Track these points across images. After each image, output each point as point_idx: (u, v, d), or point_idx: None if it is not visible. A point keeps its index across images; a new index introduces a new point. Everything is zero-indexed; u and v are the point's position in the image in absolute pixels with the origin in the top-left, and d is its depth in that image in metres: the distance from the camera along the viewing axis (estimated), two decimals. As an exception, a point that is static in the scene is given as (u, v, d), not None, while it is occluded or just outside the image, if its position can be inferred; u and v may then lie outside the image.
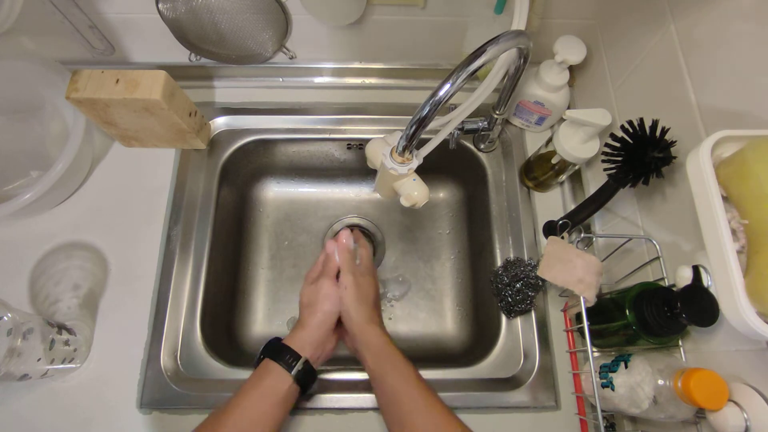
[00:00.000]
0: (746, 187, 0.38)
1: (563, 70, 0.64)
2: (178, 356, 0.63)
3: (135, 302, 0.65)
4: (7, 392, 0.60)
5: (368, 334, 0.54)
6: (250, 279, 0.81)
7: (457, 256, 0.83)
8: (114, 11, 0.65)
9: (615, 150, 0.51)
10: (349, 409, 0.60)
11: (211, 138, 0.75)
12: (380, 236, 0.85)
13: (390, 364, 0.52)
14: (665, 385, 0.45)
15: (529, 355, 0.63)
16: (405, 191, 0.55)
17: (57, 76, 0.66)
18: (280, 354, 0.52)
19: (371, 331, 0.54)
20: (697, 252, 0.46)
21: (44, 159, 0.71)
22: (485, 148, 0.75)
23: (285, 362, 0.51)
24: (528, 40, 0.48)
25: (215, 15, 0.63)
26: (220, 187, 0.73)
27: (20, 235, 0.68)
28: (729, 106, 0.44)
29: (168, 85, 0.61)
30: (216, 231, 0.71)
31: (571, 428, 0.60)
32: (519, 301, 0.63)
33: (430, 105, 0.44)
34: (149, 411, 0.60)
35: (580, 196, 0.71)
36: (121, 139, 0.72)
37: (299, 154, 0.81)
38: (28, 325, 0.51)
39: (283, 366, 0.51)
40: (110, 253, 0.67)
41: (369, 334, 0.54)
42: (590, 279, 0.53)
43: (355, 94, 0.78)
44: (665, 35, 0.53)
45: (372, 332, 0.54)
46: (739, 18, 0.44)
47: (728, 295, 0.38)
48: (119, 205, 0.70)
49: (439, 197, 0.87)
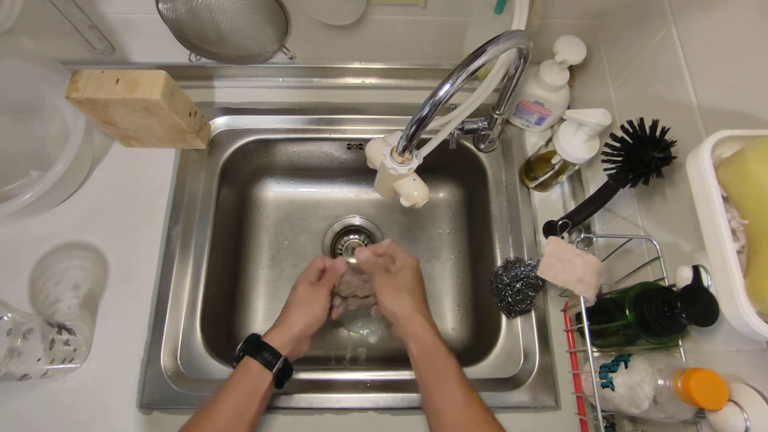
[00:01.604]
0: (746, 187, 0.38)
1: (563, 70, 0.64)
2: (178, 356, 0.63)
3: (135, 302, 0.65)
4: (7, 392, 0.60)
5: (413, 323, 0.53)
6: (250, 279, 0.81)
7: (457, 256, 0.83)
8: (114, 11, 0.65)
9: (615, 150, 0.51)
10: (349, 409, 0.60)
11: (211, 138, 0.75)
12: (380, 236, 0.85)
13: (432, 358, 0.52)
14: (665, 385, 0.45)
15: (529, 355, 0.63)
16: (405, 191, 0.55)
17: (57, 76, 0.66)
18: (260, 352, 0.52)
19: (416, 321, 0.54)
20: (697, 252, 0.46)
21: (44, 159, 0.71)
22: (485, 148, 0.75)
23: (266, 360, 0.52)
24: (528, 40, 0.48)
25: (215, 15, 0.63)
26: (220, 187, 0.73)
27: (20, 235, 0.68)
28: (729, 106, 0.44)
29: (168, 85, 0.61)
30: (216, 231, 0.71)
31: (571, 428, 0.60)
32: (519, 301, 0.63)
33: (430, 105, 0.44)
34: (149, 411, 0.60)
35: (580, 196, 0.71)
36: (121, 139, 0.72)
37: (299, 154, 0.81)
38: (28, 325, 0.51)
39: (263, 364, 0.51)
40: (110, 253, 0.67)
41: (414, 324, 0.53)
42: (590, 279, 0.53)
43: (355, 94, 0.78)
44: (665, 35, 0.53)
45: (417, 322, 0.53)
46: (739, 18, 0.44)
47: (728, 295, 0.38)
48: (119, 205, 0.70)
49: (439, 197, 0.87)
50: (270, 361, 0.52)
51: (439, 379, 0.50)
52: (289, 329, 0.54)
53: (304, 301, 0.56)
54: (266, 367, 0.51)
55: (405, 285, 0.56)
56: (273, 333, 0.54)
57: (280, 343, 0.53)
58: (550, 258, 0.55)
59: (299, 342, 0.55)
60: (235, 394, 0.50)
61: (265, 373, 0.51)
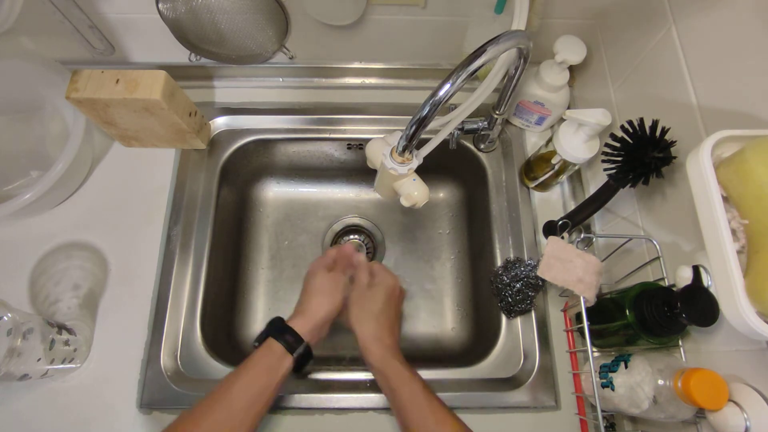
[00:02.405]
0: (746, 187, 0.38)
1: (563, 70, 0.64)
2: (178, 356, 0.63)
3: (135, 302, 0.65)
4: (7, 392, 0.60)
5: (367, 350, 0.55)
6: (250, 279, 0.81)
7: (457, 256, 0.83)
8: (114, 11, 0.65)
9: (615, 150, 0.51)
10: (349, 409, 0.60)
11: (211, 138, 0.75)
12: (380, 236, 0.85)
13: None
14: (665, 385, 0.45)
15: (529, 355, 0.63)
16: (405, 191, 0.55)
17: (57, 76, 0.66)
18: (284, 335, 0.53)
19: (371, 349, 0.55)
20: (697, 252, 0.46)
21: (44, 159, 0.71)
22: (485, 148, 0.75)
23: (288, 344, 0.52)
24: (528, 40, 0.48)
25: (215, 15, 0.63)
26: (220, 187, 0.73)
27: (20, 235, 0.68)
28: (729, 106, 0.44)
29: (168, 85, 0.61)
30: (216, 231, 0.71)
31: (571, 428, 0.60)
32: (519, 301, 0.63)
33: (430, 105, 0.44)
34: (149, 411, 0.60)
35: (580, 196, 0.71)
36: (121, 139, 0.72)
37: (299, 154, 0.81)
38: (28, 325, 0.51)
39: (286, 347, 0.52)
40: (110, 253, 0.67)
41: (368, 350, 0.55)
42: (590, 279, 0.53)
43: (355, 94, 0.78)
44: (665, 35, 0.53)
45: (372, 350, 0.55)
46: (739, 18, 0.44)
47: (728, 295, 0.38)
48: (119, 205, 0.70)
49: (439, 197, 0.87)
50: (292, 344, 0.53)
51: (399, 405, 0.51)
52: (312, 317, 0.55)
53: (325, 289, 0.57)
54: (288, 350, 0.52)
55: (372, 306, 0.58)
56: (296, 320, 0.55)
57: (303, 329, 0.54)
58: (550, 258, 0.55)
59: (321, 329, 0.56)
60: (255, 372, 0.51)
61: (287, 356, 0.52)
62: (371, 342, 0.55)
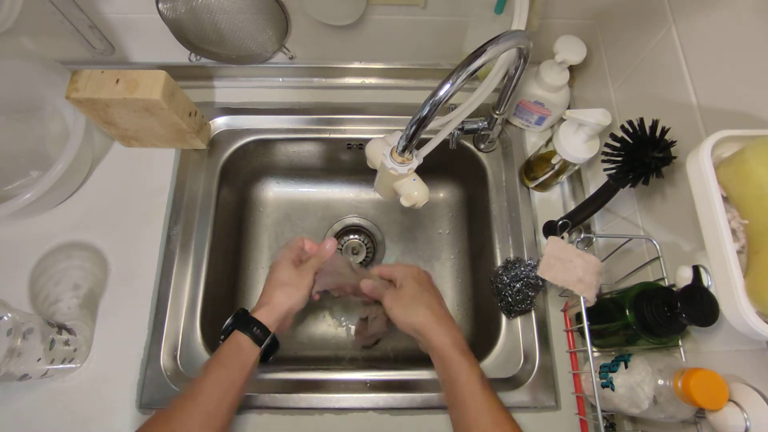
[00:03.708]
0: (746, 187, 0.38)
1: (563, 70, 0.64)
2: (177, 356, 0.63)
3: (135, 302, 0.65)
4: (7, 392, 0.60)
5: (429, 334, 0.54)
6: (250, 279, 0.81)
7: (457, 256, 0.83)
8: (114, 11, 0.65)
9: (615, 150, 0.51)
10: (349, 409, 0.60)
11: (211, 138, 0.75)
12: (380, 236, 0.85)
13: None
14: (665, 385, 0.45)
15: (529, 355, 0.63)
16: (405, 191, 0.55)
17: (57, 76, 0.66)
18: (250, 328, 0.54)
19: (432, 332, 0.54)
20: (697, 252, 0.46)
21: (44, 159, 0.71)
22: (485, 148, 0.75)
23: (255, 336, 0.53)
24: (528, 40, 0.48)
25: (215, 15, 0.63)
26: (220, 187, 0.73)
27: (20, 235, 0.68)
28: (729, 106, 0.44)
29: (168, 85, 0.61)
30: (216, 231, 0.71)
31: (571, 428, 0.60)
32: (519, 301, 0.63)
33: (430, 105, 0.44)
34: (149, 411, 0.60)
35: (580, 196, 0.71)
36: (121, 139, 0.72)
37: (299, 154, 0.81)
38: (28, 325, 0.51)
39: (253, 340, 0.53)
40: (110, 253, 0.67)
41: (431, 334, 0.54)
42: (590, 279, 0.53)
43: (355, 94, 0.78)
44: (665, 35, 0.53)
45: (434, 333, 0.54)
46: (739, 18, 0.44)
47: (728, 295, 0.38)
48: (119, 205, 0.70)
49: (439, 197, 0.87)
50: (259, 336, 0.53)
51: (457, 398, 0.51)
52: (275, 310, 0.55)
53: (288, 283, 0.57)
54: (255, 342, 0.53)
55: (412, 295, 0.56)
56: (261, 311, 0.55)
57: (268, 320, 0.54)
58: (550, 258, 0.55)
59: (284, 320, 0.57)
60: (226, 366, 0.52)
61: (254, 348, 0.53)
62: (429, 323, 0.53)
